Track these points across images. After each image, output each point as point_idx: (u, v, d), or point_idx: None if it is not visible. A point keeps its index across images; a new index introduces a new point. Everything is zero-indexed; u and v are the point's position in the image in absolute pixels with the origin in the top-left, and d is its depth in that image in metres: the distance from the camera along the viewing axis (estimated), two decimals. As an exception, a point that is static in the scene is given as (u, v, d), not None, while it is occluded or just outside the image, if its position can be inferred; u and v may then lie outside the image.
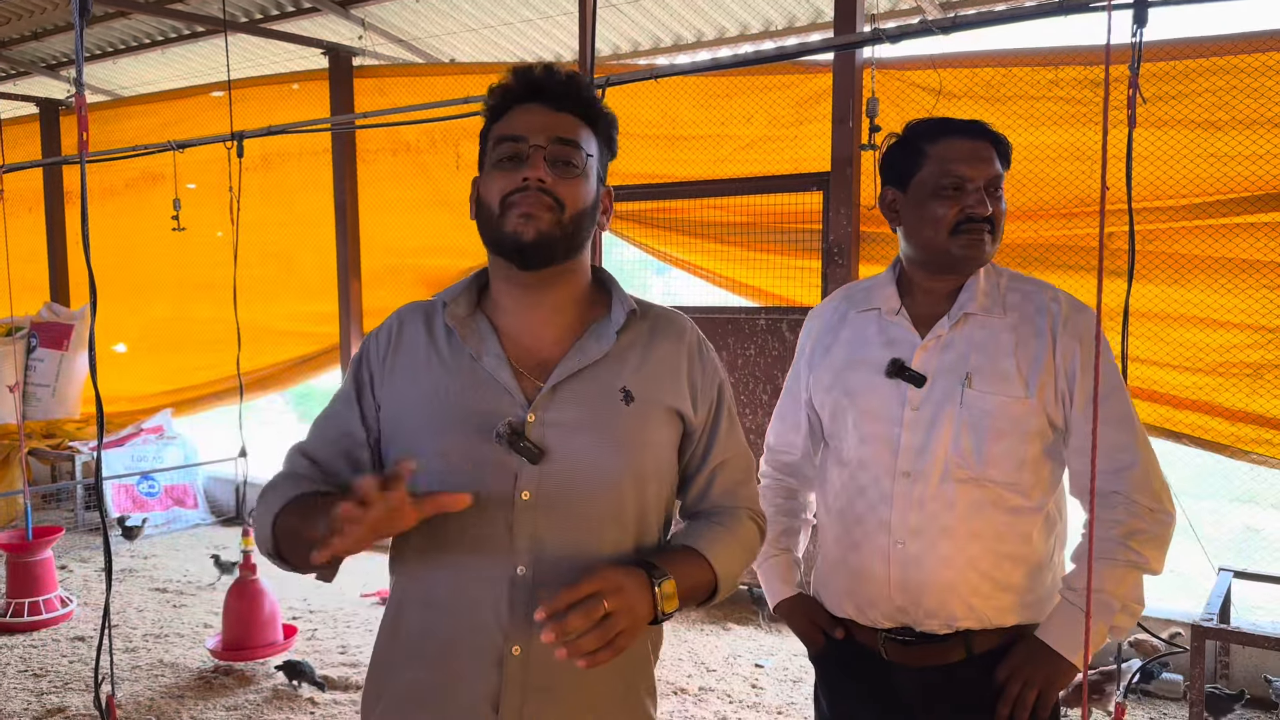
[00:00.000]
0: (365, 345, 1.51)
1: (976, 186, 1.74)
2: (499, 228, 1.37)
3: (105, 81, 8.08)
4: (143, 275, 7.68)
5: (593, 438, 1.38)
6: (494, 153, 1.40)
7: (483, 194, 1.41)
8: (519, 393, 1.38)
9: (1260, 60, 3.71)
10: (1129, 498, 1.73)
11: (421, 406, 1.41)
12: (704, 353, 1.53)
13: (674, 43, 6.24)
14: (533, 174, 1.35)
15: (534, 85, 1.41)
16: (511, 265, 1.40)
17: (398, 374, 1.44)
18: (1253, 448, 3.94)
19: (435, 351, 1.44)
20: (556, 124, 1.39)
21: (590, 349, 1.42)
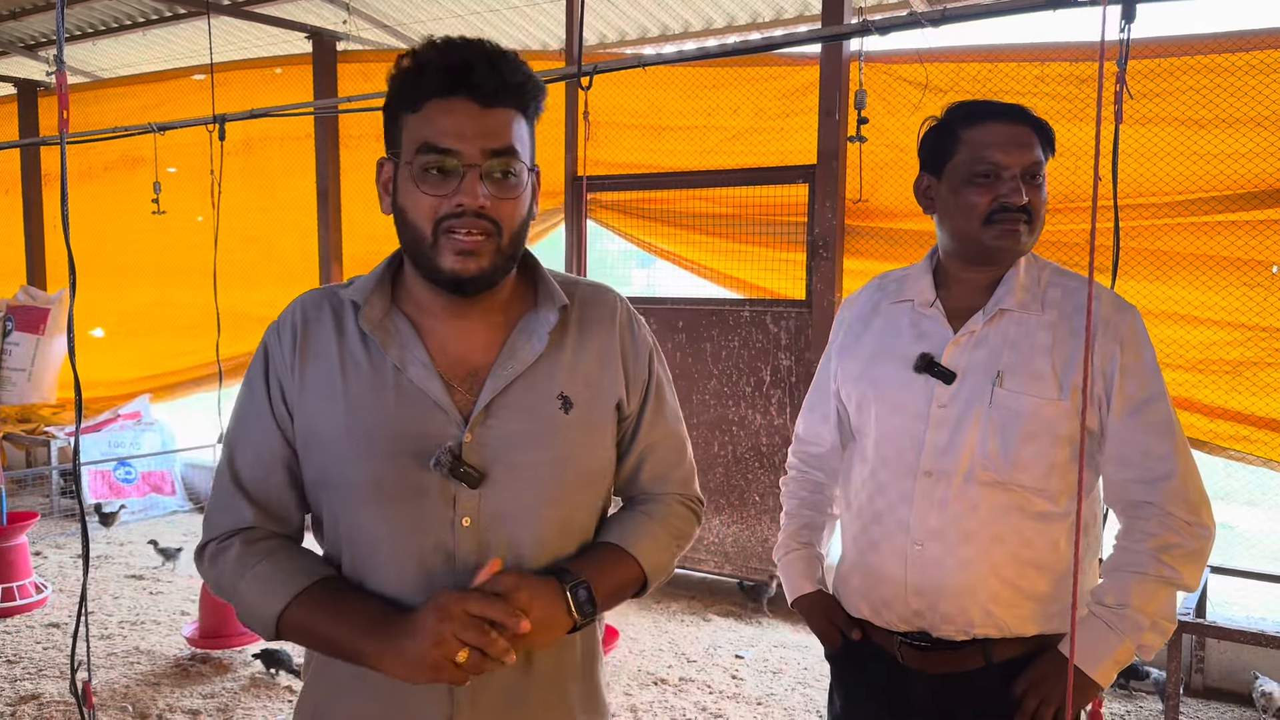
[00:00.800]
0: (265, 347, 1.32)
1: (1012, 174, 1.66)
2: (433, 259, 1.22)
3: (84, 63, 7.98)
4: (121, 259, 7.61)
5: (533, 454, 1.28)
6: (416, 161, 1.20)
7: (408, 210, 1.23)
8: (453, 409, 1.25)
9: (1243, 59, 3.73)
10: (1164, 509, 1.65)
11: (345, 427, 1.25)
12: (635, 330, 1.41)
13: (661, 33, 6.22)
14: (470, 201, 1.18)
15: (458, 75, 1.19)
16: (443, 291, 1.26)
17: (309, 385, 1.28)
18: (1230, 444, 3.97)
19: (351, 358, 1.28)
20: (490, 129, 1.20)
21: (522, 351, 1.30)
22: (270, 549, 1.28)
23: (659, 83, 5.11)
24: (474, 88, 1.19)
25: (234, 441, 1.32)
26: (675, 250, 5.31)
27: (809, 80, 4.74)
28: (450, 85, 1.19)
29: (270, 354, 1.31)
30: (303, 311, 1.32)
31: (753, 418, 5.00)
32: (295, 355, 1.29)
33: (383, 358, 1.27)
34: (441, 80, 1.19)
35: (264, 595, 1.24)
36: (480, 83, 1.19)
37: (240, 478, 1.30)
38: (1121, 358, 1.67)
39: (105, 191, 7.59)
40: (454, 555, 1.25)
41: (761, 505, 5.02)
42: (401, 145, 1.23)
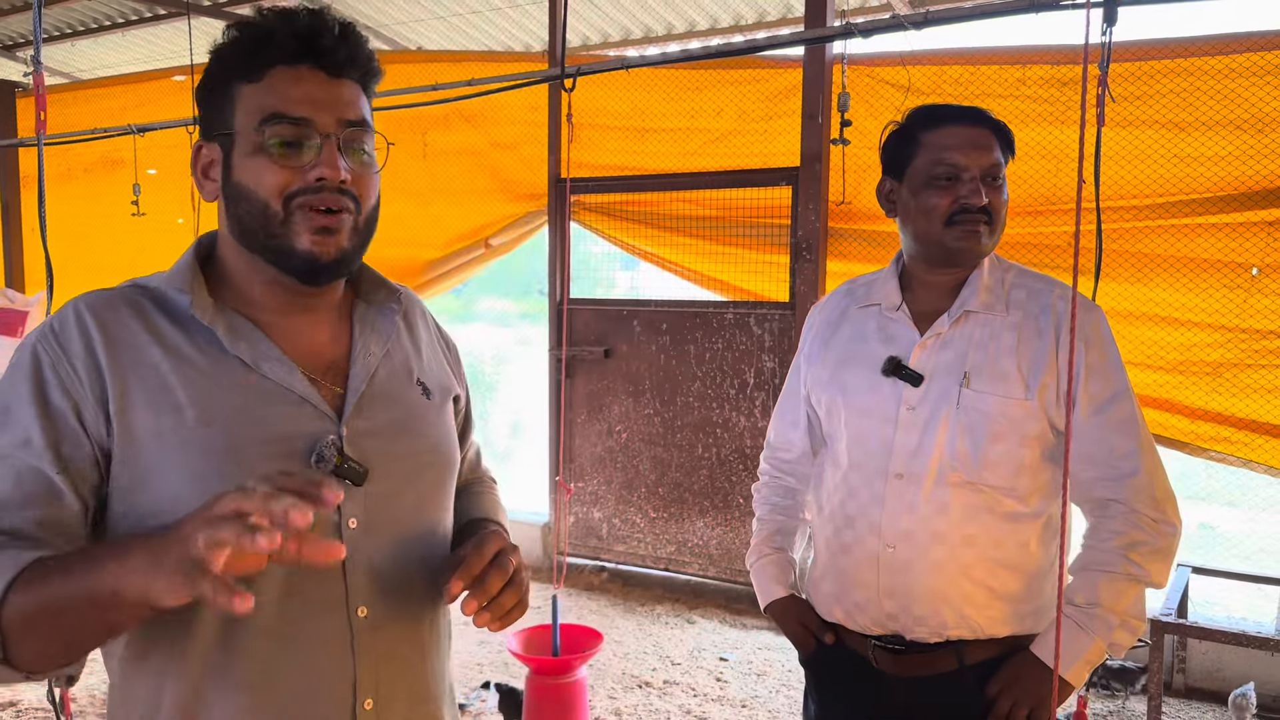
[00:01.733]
0: (36, 362, 1.06)
1: (972, 175, 1.67)
2: (284, 240, 1.09)
3: (63, 64, 7.92)
4: (101, 261, 7.54)
5: (408, 444, 1.20)
6: (261, 132, 1.08)
7: (249, 184, 1.09)
8: (323, 404, 1.13)
9: (1223, 63, 3.75)
10: (1130, 507, 1.66)
11: (192, 439, 1.05)
12: (442, 329, 1.39)
13: (644, 34, 6.22)
14: (331, 173, 1.08)
15: (305, 42, 1.09)
16: (293, 280, 1.13)
17: (131, 396, 1.06)
18: (1211, 445, 4.00)
19: (180, 360, 1.09)
20: (340, 99, 1.11)
21: (374, 344, 1.22)
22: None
23: (642, 85, 5.10)
24: (322, 56, 1.10)
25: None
26: (659, 252, 5.31)
27: (792, 83, 4.74)
28: (297, 53, 1.09)
29: (49, 369, 1.06)
30: (92, 314, 1.09)
31: (737, 420, 5.00)
32: (96, 364, 1.06)
33: (223, 356, 1.10)
34: (289, 48, 1.09)
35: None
36: (328, 50, 1.10)
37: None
38: (1087, 356, 1.69)
39: (84, 193, 7.52)
40: (344, 565, 1.11)
41: (746, 508, 5.01)
42: (234, 120, 1.10)
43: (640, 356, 5.28)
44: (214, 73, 1.13)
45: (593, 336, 5.41)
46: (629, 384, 5.32)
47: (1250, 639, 3.21)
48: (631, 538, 5.38)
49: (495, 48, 6.67)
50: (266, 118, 1.08)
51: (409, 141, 6.08)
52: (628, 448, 5.35)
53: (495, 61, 5.65)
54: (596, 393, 5.42)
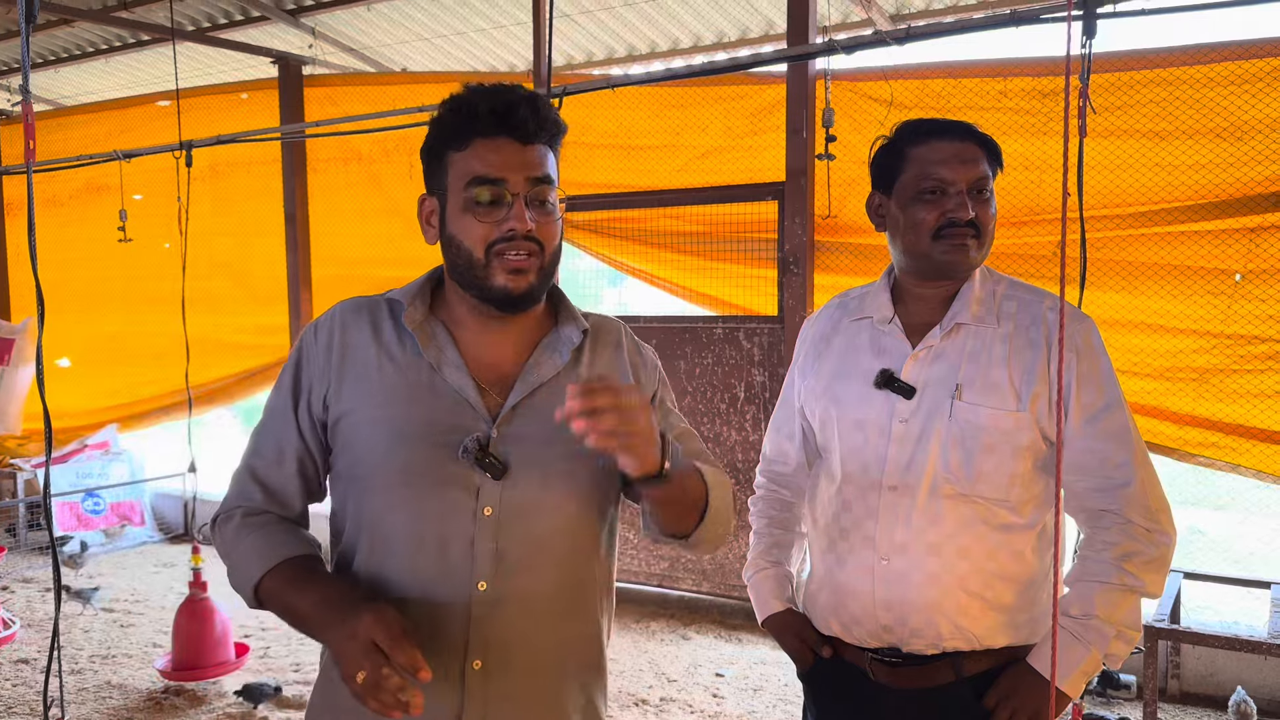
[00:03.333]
0: (302, 349, 1.45)
1: (959, 189, 1.69)
2: (486, 279, 1.35)
3: (47, 90, 7.91)
4: (87, 288, 7.52)
5: (553, 452, 1.38)
6: (467, 192, 1.34)
7: (459, 237, 1.36)
8: (482, 408, 1.37)
9: (1201, 72, 3.80)
10: (1124, 517, 1.67)
11: (379, 418, 1.37)
12: (640, 349, 1.57)
13: (628, 53, 6.25)
14: (520, 225, 1.33)
15: (502, 116, 1.34)
16: (491, 308, 1.39)
17: (347, 379, 1.40)
18: (1199, 450, 4.02)
19: (388, 357, 1.40)
20: (530, 162, 1.35)
21: (545, 365, 1.43)
22: (265, 523, 1.41)
23: (628, 103, 5.13)
24: (515, 127, 1.34)
25: (257, 431, 1.47)
26: (647, 268, 5.33)
27: (776, 98, 4.78)
28: (495, 126, 1.34)
29: (304, 355, 1.44)
30: (340, 316, 1.44)
31: (728, 434, 5.01)
32: (331, 355, 1.41)
33: (419, 357, 1.39)
34: (489, 121, 1.34)
35: (249, 563, 1.37)
36: (521, 123, 1.34)
37: (254, 463, 1.44)
38: (1078, 367, 1.69)
39: (70, 219, 7.50)
40: (473, 543, 1.34)
41: (739, 522, 5.01)
42: (448, 181, 1.37)
43: (630, 373, 5.27)
44: (432, 139, 1.40)
45: (582, 354, 5.41)
46: (619, 401, 5.31)
47: (1244, 643, 3.23)
48: (625, 554, 5.37)
49: (480, 68, 6.70)
50: (470, 180, 1.34)
51: (396, 163, 6.09)
52: (619, 464, 5.34)
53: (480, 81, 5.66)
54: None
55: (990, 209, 1.72)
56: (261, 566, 1.35)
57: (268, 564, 1.35)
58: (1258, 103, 3.72)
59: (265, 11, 5.98)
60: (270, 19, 6.07)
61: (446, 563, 1.34)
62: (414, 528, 1.34)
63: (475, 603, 1.34)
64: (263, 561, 1.36)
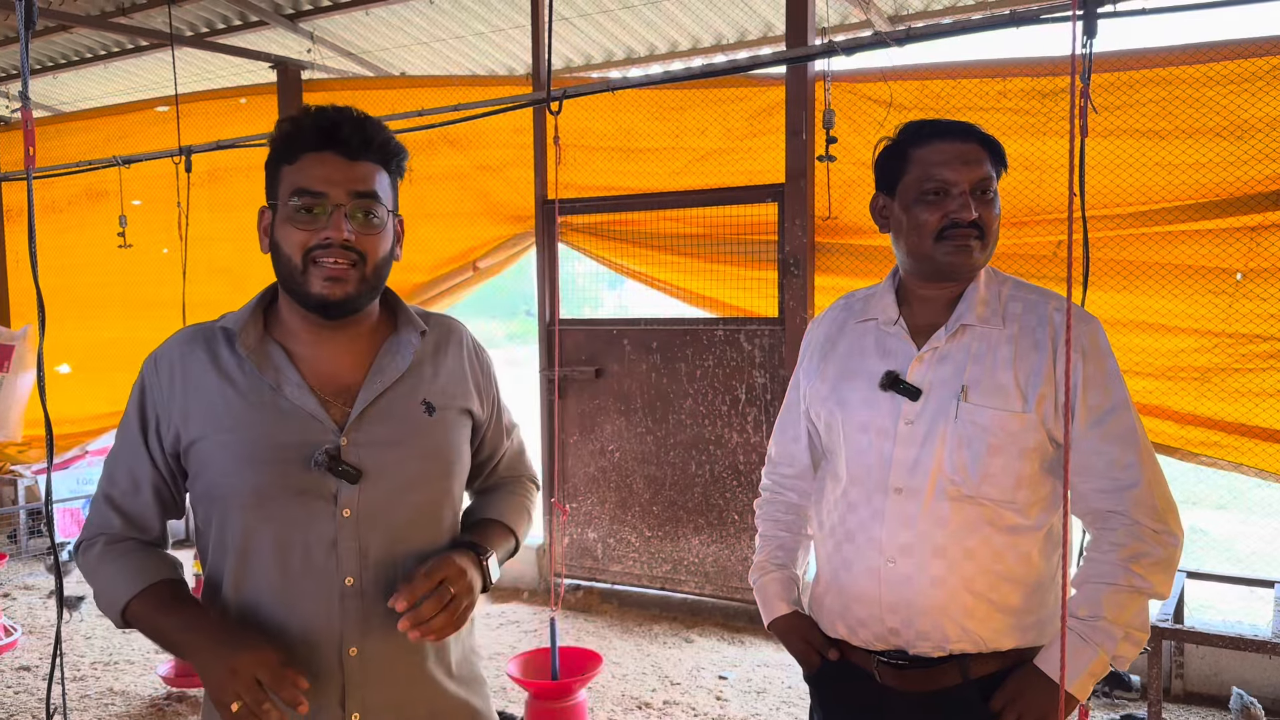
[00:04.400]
0: (143, 380, 1.49)
1: (961, 190, 1.68)
2: (302, 285, 1.42)
3: (45, 97, 7.91)
4: (87, 294, 7.51)
5: (403, 451, 1.48)
6: (290, 203, 1.41)
7: (281, 242, 1.43)
8: (328, 420, 1.44)
9: (1201, 71, 3.80)
10: (1131, 519, 1.66)
11: (227, 444, 1.42)
12: (480, 354, 1.66)
13: (626, 56, 6.26)
14: (335, 234, 1.39)
15: (328, 133, 1.41)
16: (313, 314, 1.45)
17: (192, 410, 1.44)
18: (1201, 450, 4.02)
19: (229, 383, 1.45)
20: (354, 176, 1.41)
21: (388, 370, 1.50)
22: (127, 550, 1.48)
23: (627, 105, 5.13)
24: (341, 143, 1.41)
25: (110, 461, 1.52)
26: (647, 271, 5.32)
27: (775, 100, 4.78)
28: (320, 141, 1.41)
29: (147, 388, 1.48)
30: (178, 348, 1.49)
31: (730, 436, 5.01)
32: (174, 386, 1.46)
33: (259, 379, 1.44)
34: (314, 137, 1.41)
35: (115, 587, 1.44)
36: (347, 139, 1.41)
37: (111, 492, 1.50)
38: (1085, 368, 1.68)
39: (69, 226, 7.50)
40: (336, 543, 1.43)
41: (741, 524, 5.01)
42: (278, 192, 1.44)
43: (631, 375, 5.28)
44: (270, 155, 1.47)
45: (584, 356, 5.41)
46: (620, 403, 5.32)
47: (1247, 642, 3.22)
48: (627, 557, 5.37)
49: (479, 72, 6.70)
50: (294, 192, 1.41)
51: (394, 167, 6.08)
52: (621, 467, 5.35)
53: (479, 86, 5.67)
54: (588, 412, 5.42)
55: (994, 209, 1.72)
56: (128, 591, 1.43)
57: (134, 589, 1.43)
58: (1257, 101, 3.72)
59: (264, 16, 5.98)
60: (269, 24, 6.07)
61: (312, 563, 1.43)
62: (278, 536, 1.42)
63: (345, 596, 1.43)
64: (129, 586, 1.43)
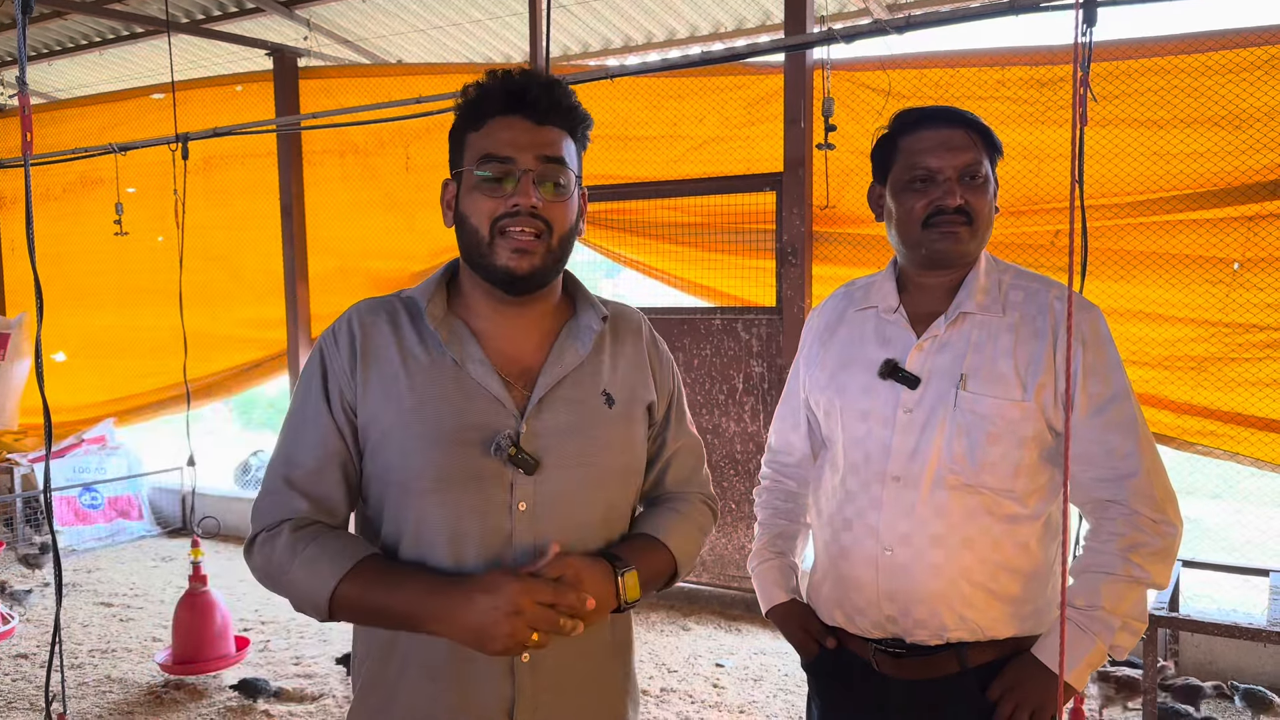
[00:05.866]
0: (322, 354, 1.41)
1: (947, 177, 1.68)
2: (489, 257, 1.36)
3: (40, 84, 7.88)
4: (82, 281, 7.50)
5: (582, 444, 1.40)
6: (477, 170, 1.35)
7: (467, 213, 1.37)
8: (510, 402, 1.37)
9: (1200, 60, 3.79)
10: (1130, 508, 1.66)
11: (408, 419, 1.35)
12: (659, 345, 1.58)
13: (624, 44, 6.24)
14: (524, 201, 1.33)
15: (516, 96, 1.36)
16: (498, 289, 1.39)
17: (372, 384, 1.37)
18: (1198, 439, 4.03)
19: (410, 356, 1.38)
20: (542, 141, 1.36)
21: (568, 355, 1.43)
22: (318, 533, 1.35)
23: (624, 94, 5.12)
24: (529, 107, 1.35)
25: (289, 440, 1.41)
26: (645, 260, 5.32)
27: (773, 88, 4.76)
28: (509, 105, 1.36)
29: (327, 361, 1.40)
30: (359, 318, 1.41)
31: (727, 425, 5.01)
32: (355, 360, 1.38)
33: (442, 355, 1.38)
34: (502, 101, 1.36)
35: (316, 575, 1.30)
36: (534, 102, 1.35)
37: (293, 474, 1.38)
38: (1085, 357, 1.68)
39: (64, 213, 7.48)
40: (511, 537, 1.36)
41: (738, 513, 5.02)
42: (463, 161, 1.39)
43: (628, 364, 5.27)
44: (454, 125, 1.42)
45: (580, 346, 5.41)
46: (618, 392, 5.31)
47: (1242, 631, 3.23)
48: (624, 546, 5.38)
49: (476, 60, 6.67)
50: (481, 158, 1.36)
51: (392, 154, 6.07)
52: (618, 456, 5.34)
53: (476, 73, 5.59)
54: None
55: (984, 195, 1.70)
56: (335, 573, 1.30)
57: (341, 569, 1.30)
58: (1256, 91, 3.71)
59: (260, 3, 5.95)
60: (265, 11, 6.04)
61: (487, 558, 1.35)
62: (454, 525, 1.34)
63: None
64: (335, 568, 1.30)
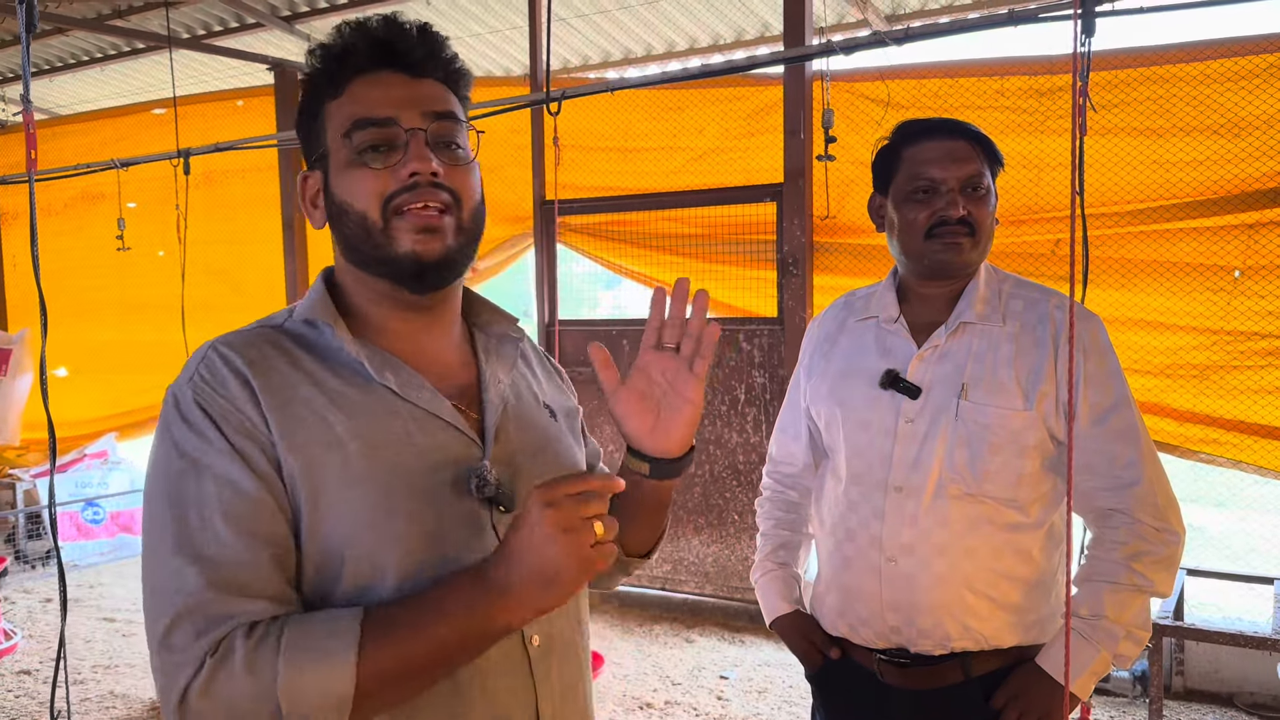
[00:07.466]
0: (198, 404, 1.01)
1: (949, 188, 1.68)
2: (387, 246, 1.06)
3: (41, 100, 7.90)
4: (83, 297, 7.51)
5: (544, 464, 1.17)
6: (349, 141, 1.06)
7: (347, 200, 1.07)
8: (468, 429, 1.11)
9: (1198, 69, 3.81)
10: (1132, 517, 1.66)
11: (367, 473, 1.02)
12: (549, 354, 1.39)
13: (624, 56, 6.26)
14: (422, 166, 1.04)
15: (384, 47, 1.08)
16: (403, 289, 1.09)
17: (293, 434, 1.01)
18: (1200, 447, 4.03)
19: (329, 392, 1.05)
20: (424, 95, 1.08)
21: (499, 370, 1.19)
22: (284, 620, 0.95)
23: (625, 106, 5.13)
24: (400, 59, 1.08)
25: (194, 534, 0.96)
26: (646, 271, 5.33)
27: (773, 99, 4.78)
28: (375, 60, 1.08)
29: (216, 413, 1.00)
30: (239, 355, 1.05)
31: (729, 436, 5.01)
32: (257, 405, 1.01)
33: (370, 386, 1.07)
34: (365, 56, 1.08)
35: (324, 658, 0.93)
36: (408, 52, 1.08)
37: (215, 573, 0.95)
38: (1086, 366, 1.68)
39: (65, 228, 7.50)
40: None
41: (741, 524, 5.01)
42: (326, 139, 1.09)
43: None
44: (305, 99, 1.12)
45: (582, 357, 5.41)
46: (620, 404, 5.31)
47: (1248, 639, 3.23)
48: (627, 558, 5.37)
49: (476, 73, 6.68)
50: (350, 126, 1.06)
51: (393, 168, 6.08)
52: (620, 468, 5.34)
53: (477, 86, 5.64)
54: (588, 413, 5.40)
55: (986, 206, 1.72)
56: (348, 642, 0.93)
57: (352, 631, 0.94)
58: (1254, 99, 3.73)
59: (261, 19, 5.97)
60: (266, 26, 6.07)
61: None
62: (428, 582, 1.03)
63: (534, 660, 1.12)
64: (344, 643, 0.93)
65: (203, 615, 0.93)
